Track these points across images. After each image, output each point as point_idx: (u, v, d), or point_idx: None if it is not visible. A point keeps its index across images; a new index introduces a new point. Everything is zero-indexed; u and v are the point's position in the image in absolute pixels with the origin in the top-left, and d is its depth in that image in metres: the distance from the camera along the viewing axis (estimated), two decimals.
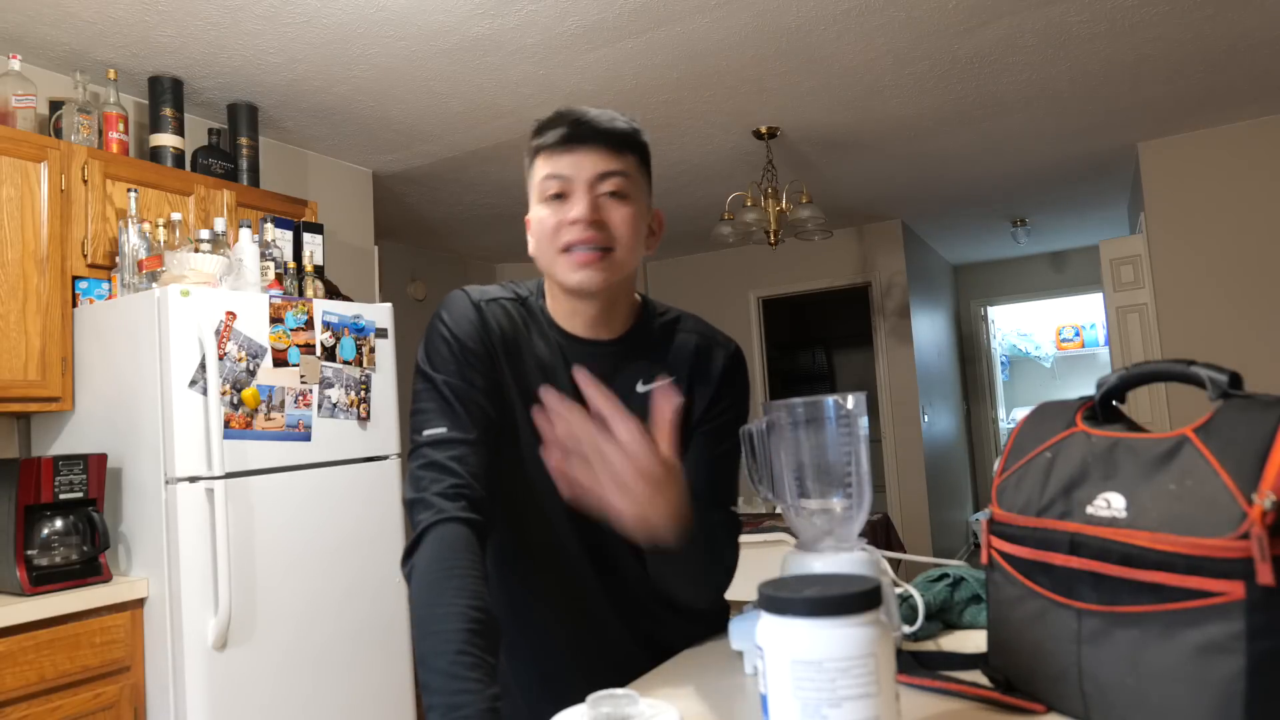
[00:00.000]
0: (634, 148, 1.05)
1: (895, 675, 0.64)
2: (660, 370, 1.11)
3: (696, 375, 1.12)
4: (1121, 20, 2.98)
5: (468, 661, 0.81)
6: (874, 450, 5.69)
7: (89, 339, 2.45)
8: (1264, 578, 0.60)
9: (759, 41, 2.96)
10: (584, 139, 1.01)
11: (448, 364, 1.04)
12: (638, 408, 1.11)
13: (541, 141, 1.03)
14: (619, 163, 1.02)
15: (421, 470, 0.99)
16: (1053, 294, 7.77)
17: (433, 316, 1.09)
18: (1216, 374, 0.70)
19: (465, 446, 1.00)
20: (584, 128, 1.01)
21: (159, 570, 2.24)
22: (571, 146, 1.01)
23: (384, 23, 2.66)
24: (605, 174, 1.01)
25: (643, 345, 1.12)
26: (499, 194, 4.56)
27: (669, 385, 0.84)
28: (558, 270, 1.03)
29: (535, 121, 1.06)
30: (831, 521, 0.90)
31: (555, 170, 1.01)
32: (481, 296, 1.10)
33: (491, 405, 1.05)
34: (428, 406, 1.03)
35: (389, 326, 2.82)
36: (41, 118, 2.69)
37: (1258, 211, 4.24)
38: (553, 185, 1.01)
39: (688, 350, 1.13)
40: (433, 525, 0.93)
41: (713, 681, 0.99)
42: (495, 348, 1.07)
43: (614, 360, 1.10)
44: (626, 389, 1.10)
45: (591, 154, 1.01)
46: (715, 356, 1.14)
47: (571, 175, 1.01)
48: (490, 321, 1.08)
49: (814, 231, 4.10)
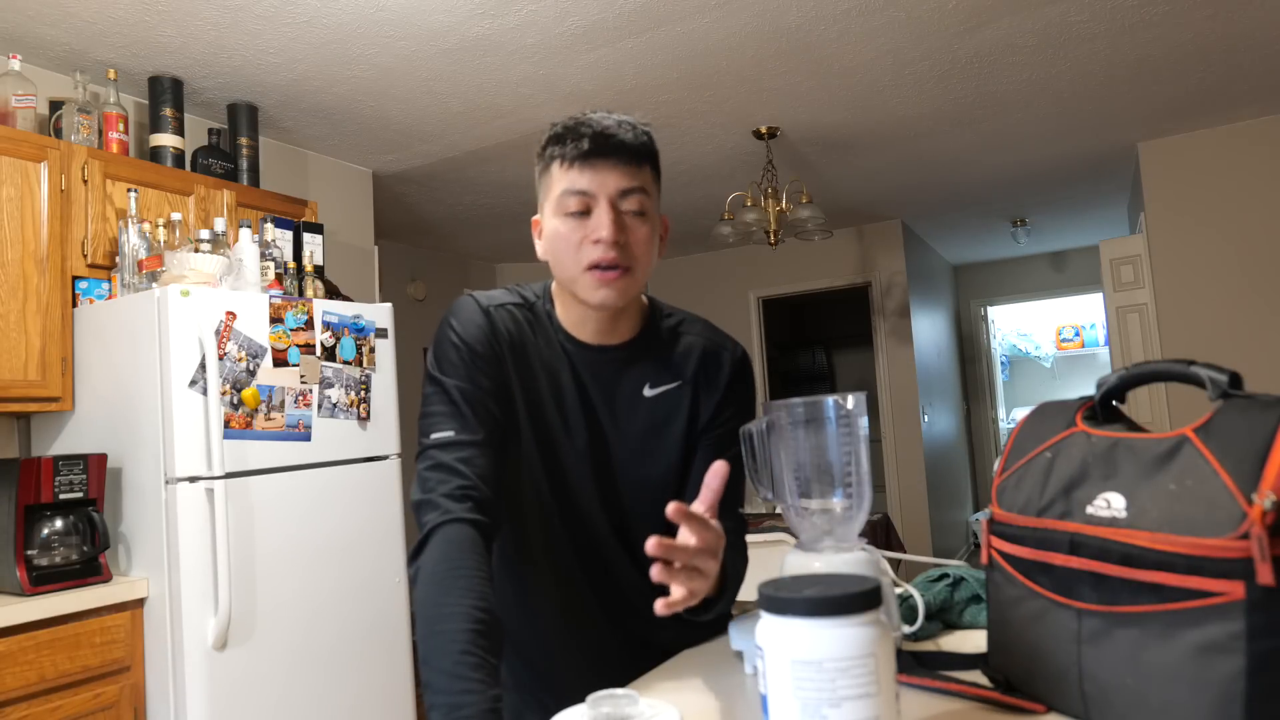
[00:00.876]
0: (650, 158, 1.05)
1: (895, 675, 0.64)
2: (665, 374, 1.12)
3: (702, 381, 1.13)
4: (1121, 20, 2.98)
5: (471, 662, 0.81)
6: (874, 450, 5.69)
7: (89, 339, 2.45)
8: (1264, 578, 0.60)
9: (759, 41, 2.96)
10: (607, 153, 1.00)
11: (456, 369, 1.05)
12: (645, 411, 1.12)
13: (561, 152, 1.02)
14: (638, 178, 1.02)
15: (429, 472, 0.99)
16: (1053, 294, 7.77)
17: (441, 323, 1.10)
18: (1216, 374, 0.70)
19: (473, 449, 1.00)
20: (607, 143, 1.01)
21: (159, 570, 2.24)
22: (593, 162, 1.00)
23: (384, 23, 2.66)
24: (627, 191, 1.01)
25: (649, 349, 1.13)
26: (499, 194, 4.56)
27: (721, 464, 0.86)
28: (579, 287, 1.04)
29: (551, 126, 1.05)
30: (831, 521, 0.90)
31: (577, 186, 1.01)
32: (489, 302, 1.11)
33: (499, 409, 1.05)
34: (436, 410, 1.03)
35: (389, 326, 2.82)
36: (41, 118, 2.69)
37: (1258, 211, 4.24)
38: (574, 201, 1.01)
39: (694, 355, 1.14)
40: (439, 526, 0.94)
41: (713, 681, 0.99)
42: (503, 352, 1.08)
43: (620, 365, 1.11)
44: (634, 393, 1.11)
45: (614, 170, 1.01)
46: (721, 362, 1.14)
47: (594, 192, 1.01)
48: (499, 326, 1.09)
49: (814, 231, 4.10)
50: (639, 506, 1.13)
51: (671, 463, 1.13)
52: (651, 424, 1.12)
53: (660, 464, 1.12)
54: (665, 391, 1.12)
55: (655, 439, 1.12)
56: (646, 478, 1.13)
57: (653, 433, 1.12)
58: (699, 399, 1.13)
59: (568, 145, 1.01)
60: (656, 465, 1.12)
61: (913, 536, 5.76)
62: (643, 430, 1.12)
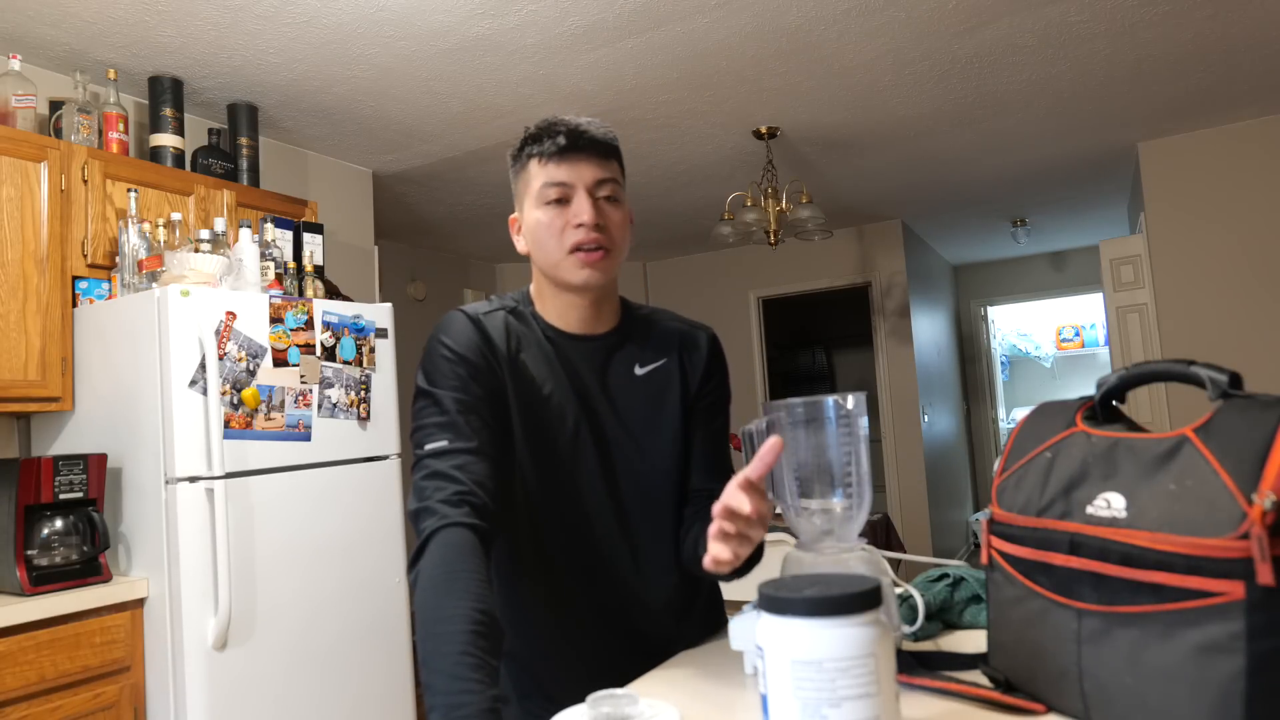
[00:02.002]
0: (617, 154, 1.14)
1: (895, 675, 0.64)
2: (651, 354, 1.19)
3: (685, 354, 1.22)
4: (1121, 20, 2.98)
5: (470, 662, 0.82)
6: (874, 450, 5.69)
7: (89, 339, 2.45)
8: (1264, 578, 0.60)
9: (759, 41, 2.96)
10: (581, 148, 1.09)
11: (448, 379, 1.07)
12: (640, 392, 1.17)
13: (540, 149, 1.10)
14: (609, 170, 1.11)
15: (425, 480, 1.00)
16: (1053, 294, 7.77)
17: (430, 339, 1.12)
18: (1216, 374, 0.70)
19: (467, 456, 1.01)
20: (581, 138, 1.09)
21: (159, 570, 2.24)
22: (569, 156, 1.09)
23: (384, 23, 2.66)
24: (601, 180, 1.10)
25: (630, 335, 1.20)
26: (499, 194, 4.56)
27: (775, 440, 0.89)
28: (563, 269, 1.10)
29: (525, 129, 1.14)
30: (831, 521, 0.90)
31: (556, 178, 1.09)
32: (477, 313, 1.14)
33: (493, 416, 1.07)
34: (429, 422, 1.05)
35: (389, 326, 2.82)
36: (41, 118, 2.69)
37: (1258, 211, 4.24)
38: (554, 191, 1.09)
39: (672, 335, 1.23)
40: (437, 531, 0.95)
41: (713, 681, 0.99)
42: (497, 360, 1.10)
43: (607, 351, 1.17)
44: (626, 373, 1.17)
45: (588, 163, 1.09)
46: (699, 339, 1.24)
47: (573, 182, 1.09)
48: (491, 334, 1.12)
49: (814, 231, 4.10)
50: (636, 495, 1.15)
51: (672, 438, 1.17)
52: (648, 400, 1.18)
53: (662, 441, 1.17)
54: (655, 369, 1.19)
55: (654, 415, 1.17)
56: (647, 461, 1.16)
57: (651, 409, 1.17)
58: (686, 374, 1.21)
59: (545, 143, 1.10)
60: (657, 442, 1.17)
61: (913, 536, 5.76)
62: (641, 408, 1.17)
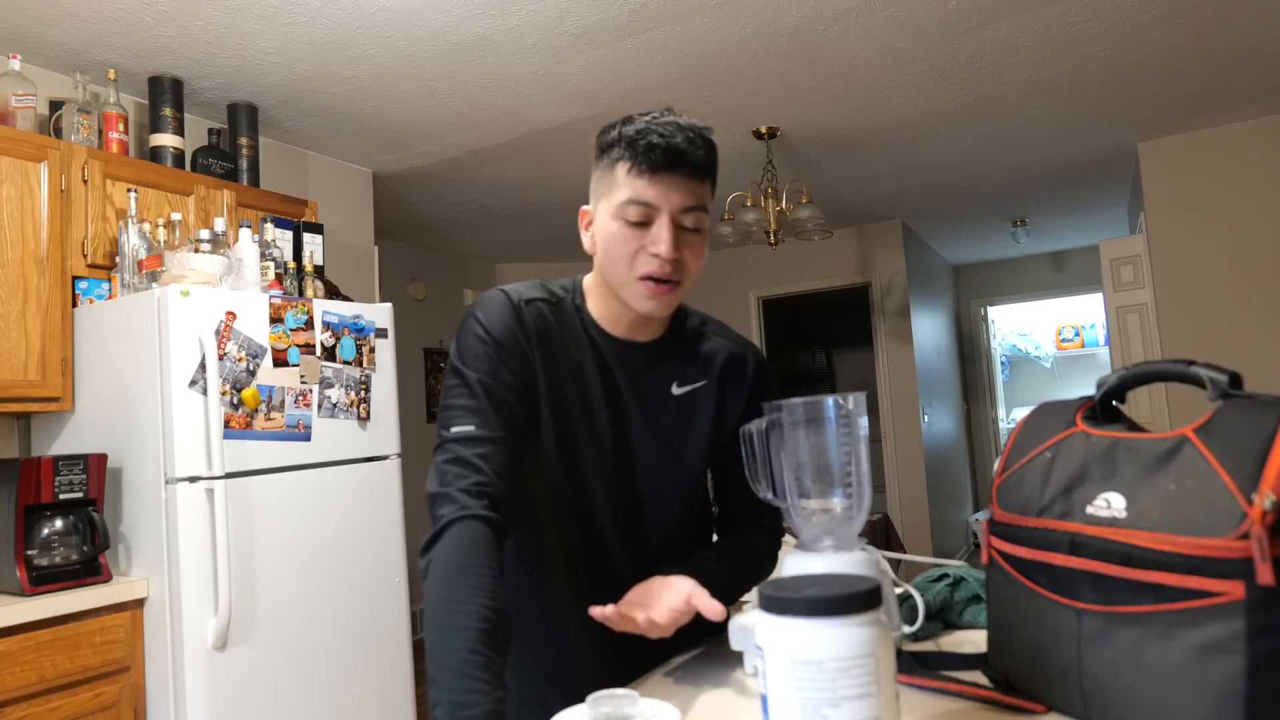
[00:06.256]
0: (712, 174, 1.06)
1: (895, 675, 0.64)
2: (692, 373, 1.15)
3: (729, 382, 1.17)
4: (1121, 20, 2.98)
5: (478, 661, 0.82)
6: (874, 450, 5.69)
7: (89, 339, 2.45)
8: (1264, 578, 0.60)
9: (759, 41, 2.96)
10: (674, 169, 1.01)
11: (481, 361, 1.04)
12: (673, 409, 1.14)
13: (631, 160, 1.02)
14: (700, 195, 1.04)
15: (447, 465, 0.99)
16: (1053, 294, 7.76)
17: (466, 315, 1.09)
18: (1216, 374, 0.70)
19: (491, 445, 1.00)
20: (676, 158, 1.01)
21: (159, 570, 2.24)
22: (661, 175, 1.01)
23: (384, 23, 2.66)
24: (689, 208, 1.03)
25: (675, 348, 1.16)
26: (499, 194, 4.56)
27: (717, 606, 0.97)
28: (628, 293, 1.06)
29: (621, 124, 1.04)
30: (831, 521, 0.90)
31: (642, 197, 1.01)
32: (519, 297, 1.10)
33: (521, 405, 1.05)
34: (457, 403, 1.03)
35: (389, 326, 2.82)
36: (41, 118, 2.69)
37: (1258, 211, 4.23)
38: (636, 211, 1.02)
39: (719, 358, 1.18)
40: (454, 521, 0.94)
41: (713, 681, 0.99)
42: (531, 348, 1.08)
43: (649, 361, 1.14)
44: (663, 389, 1.14)
45: (679, 187, 1.01)
46: (746, 364, 1.19)
47: (659, 205, 1.01)
48: (528, 321, 1.09)
49: (814, 231, 4.10)
50: (653, 503, 1.15)
51: (696, 460, 1.16)
52: (679, 421, 1.15)
53: (685, 460, 1.15)
54: (692, 390, 1.15)
55: (682, 436, 1.15)
56: (667, 473, 1.15)
57: (680, 429, 1.15)
58: (725, 398, 1.17)
59: (638, 153, 1.01)
60: (680, 462, 1.15)
61: (913, 536, 5.76)
62: (671, 427, 1.14)
